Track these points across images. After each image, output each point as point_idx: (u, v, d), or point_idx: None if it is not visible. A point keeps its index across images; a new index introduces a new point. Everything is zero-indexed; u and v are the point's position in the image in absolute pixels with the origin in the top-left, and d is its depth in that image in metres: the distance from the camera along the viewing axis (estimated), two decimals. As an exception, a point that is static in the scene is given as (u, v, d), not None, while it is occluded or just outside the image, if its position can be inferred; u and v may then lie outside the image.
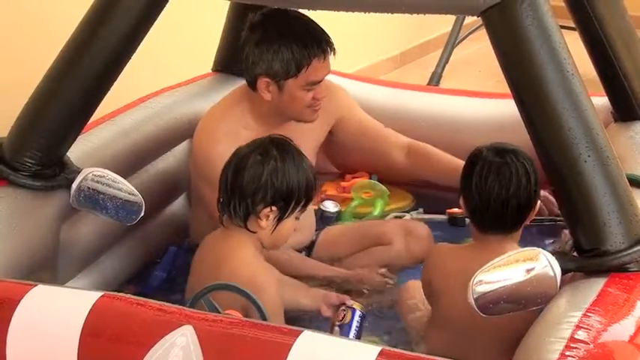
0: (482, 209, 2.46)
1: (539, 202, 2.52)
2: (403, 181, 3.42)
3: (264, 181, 2.47)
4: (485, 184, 2.45)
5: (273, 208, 2.50)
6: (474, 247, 2.56)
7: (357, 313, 2.62)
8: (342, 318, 2.62)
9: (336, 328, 2.60)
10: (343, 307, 2.64)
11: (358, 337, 2.62)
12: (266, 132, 2.81)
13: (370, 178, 3.48)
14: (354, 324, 2.61)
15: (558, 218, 2.87)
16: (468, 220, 3.15)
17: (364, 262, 3.00)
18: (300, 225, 2.65)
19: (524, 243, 2.50)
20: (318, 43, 2.74)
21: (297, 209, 2.53)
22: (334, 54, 2.80)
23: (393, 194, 3.40)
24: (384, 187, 3.36)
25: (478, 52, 5.77)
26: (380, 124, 3.14)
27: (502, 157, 2.46)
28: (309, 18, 2.78)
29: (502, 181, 2.44)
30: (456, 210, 3.13)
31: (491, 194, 2.44)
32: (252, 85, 2.83)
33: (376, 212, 3.33)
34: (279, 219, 2.52)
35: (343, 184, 3.49)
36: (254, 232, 2.53)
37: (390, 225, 3.10)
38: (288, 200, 2.51)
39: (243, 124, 2.86)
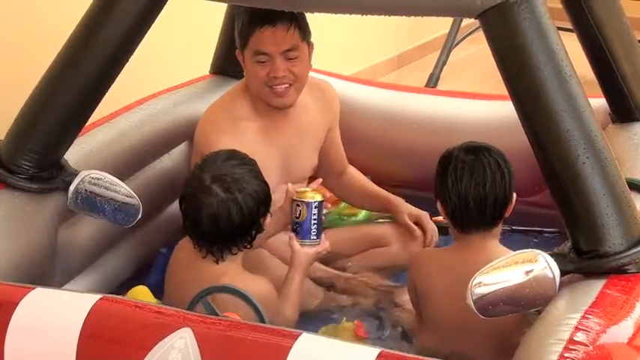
0: (461, 209, 2.45)
1: (514, 195, 2.52)
2: (395, 185, 3.43)
3: (238, 224, 2.44)
4: (460, 183, 2.44)
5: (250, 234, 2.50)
6: (456, 248, 2.56)
7: (312, 205, 2.58)
8: (299, 215, 2.59)
9: (292, 234, 2.59)
10: (297, 202, 2.60)
11: (319, 229, 2.61)
12: (268, 123, 2.84)
13: None
14: (311, 218, 2.59)
15: (546, 229, 2.91)
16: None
17: (363, 264, 3.00)
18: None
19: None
20: (265, 12, 2.72)
21: (266, 216, 2.52)
22: (298, 29, 2.76)
23: None
24: None
25: (476, 53, 5.77)
26: (341, 147, 3.15)
27: (474, 154, 2.47)
28: None
29: (477, 178, 2.44)
30: (439, 218, 3.15)
31: (468, 193, 2.44)
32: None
33: (360, 215, 3.32)
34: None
35: None
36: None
37: (387, 227, 3.11)
38: (259, 219, 2.49)
39: (245, 115, 2.86)
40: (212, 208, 2.43)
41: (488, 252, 2.42)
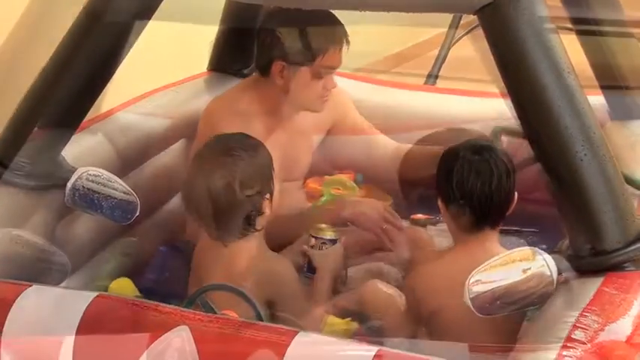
0: (466, 208, 2.45)
1: (515, 195, 2.52)
2: (387, 183, 3.42)
3: (225, 209, 2.46)
4: (467, 182, 2.45)
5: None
6: (456, 249, 2.54)
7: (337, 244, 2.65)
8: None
9: (306, 247, 2.65)
10: (322, 241, 2.64)
11: None
12: (272, 122, 2.85)
13: (355, 178, 3.47)
14: None
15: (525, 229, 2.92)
16: (429, 226, 3.17)
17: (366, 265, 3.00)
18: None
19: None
20: (336, 32, 2.76)
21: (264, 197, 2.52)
22: (348, 46, 2.81)
23: (372, 194, 3.39)
24: (354, 185, 3.35)
25: (475, 51, 5.76)
26: (372, 127, 3.14)
27: (480, 154, 2.48)
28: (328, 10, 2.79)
29: (484, 178, 2.44)
30: (419, 216, 3.14)
31: (473, 192, 2.44)
32: (266, 69, 2.81)
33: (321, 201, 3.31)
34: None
35: (326, 177, 3.48)
36: None
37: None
38: (252, 202, 2.49)
39: (251, 111, 2.86)
40: (194, 196, 2.47)
41: (490, 253, 2.41)
